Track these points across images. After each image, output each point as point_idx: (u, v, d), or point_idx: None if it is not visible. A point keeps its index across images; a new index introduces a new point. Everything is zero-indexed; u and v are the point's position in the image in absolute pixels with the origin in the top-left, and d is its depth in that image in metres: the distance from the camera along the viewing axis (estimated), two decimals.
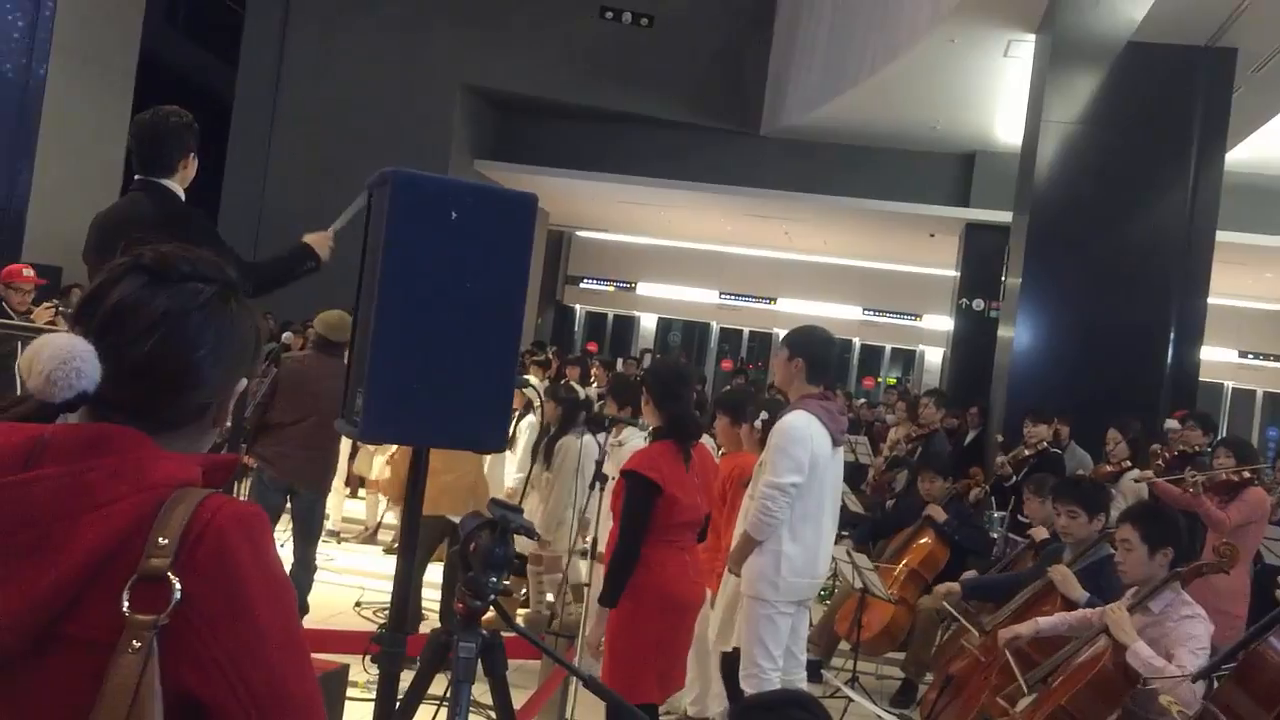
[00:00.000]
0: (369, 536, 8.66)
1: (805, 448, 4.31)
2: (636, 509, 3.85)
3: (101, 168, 14.83)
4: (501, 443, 2.55)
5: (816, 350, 4.51)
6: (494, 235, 2.51)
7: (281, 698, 1.18)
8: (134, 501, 1.17)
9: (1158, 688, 3.52)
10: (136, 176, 3.67)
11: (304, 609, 5.83)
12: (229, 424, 3.56)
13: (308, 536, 5.97)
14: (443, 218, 2.44)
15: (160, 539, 1.15)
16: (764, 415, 4.81)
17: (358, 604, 6.73)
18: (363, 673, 4.46)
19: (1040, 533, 5.76)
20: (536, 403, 6.70)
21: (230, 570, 1.17)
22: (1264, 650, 3.22)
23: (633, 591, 3.84)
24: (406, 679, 2.27)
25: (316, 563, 5.97)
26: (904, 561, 6.52)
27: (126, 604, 1.13)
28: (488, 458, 6.79)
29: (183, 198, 3.66)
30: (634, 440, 5.39)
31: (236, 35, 17.65)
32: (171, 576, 1.13)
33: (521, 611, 6.40)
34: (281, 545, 6.54)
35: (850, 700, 5.49)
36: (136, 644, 1.12)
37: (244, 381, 1.34)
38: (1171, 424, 7.84)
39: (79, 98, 14.41)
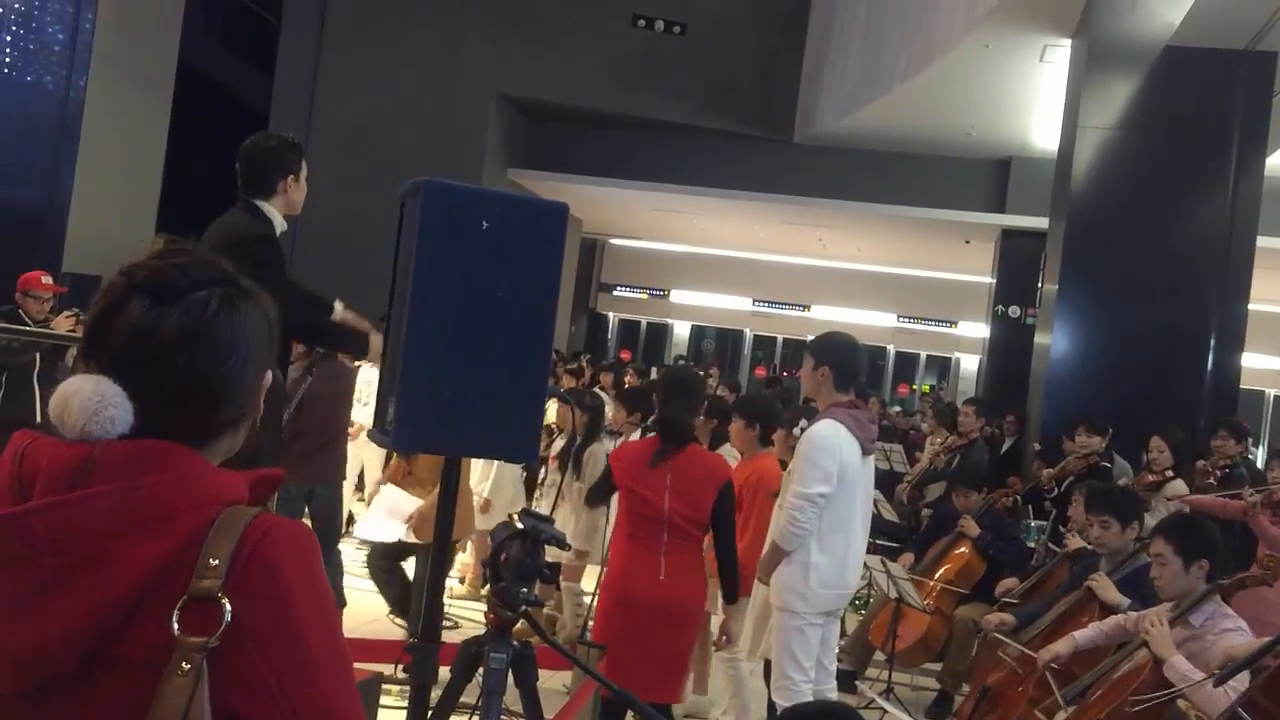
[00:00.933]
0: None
1: (833, 457, 4.27)
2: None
3: (141, 178, 15.02)
4: (532, 453, 2.54)
5: (842, 357, 4.47)
6: (525, 244, 2.51)
7: (325, 715, 1.18)
8: (186, 521, 1.16)
9: (1185, 696, 3.46)
10: (239, 197, 3.77)
11: (341, 604, 5.93)
12: (268, 441, 3.62)
13: (330, 537, 6.06)
14: (474, 227, 2.45)
15: (211, 560, 1.15)
16: (803, 423, 4.78)
17: (391, 612, 6.74)
18: (394, 681, 4.47)
19: (1074, 541, 5.69)
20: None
21: (280, 592, 1.17)
22: None
23: (604, 580, 4.24)
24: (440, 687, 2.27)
25: (347, 566, 6.05)
26: (940, 572, 6.46)
27: (177, 625, 1.12)
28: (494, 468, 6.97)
29: (278, 220, 3.76)
30: None
31: (273, 46, 17.83)
32: (222, 598, 1.13)
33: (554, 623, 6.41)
34: None
35: (885, 711, 5.44)
36: (186, 665, 1.11)
37: (269, 375, 1.33)
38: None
39: (118, 108, 14.59)
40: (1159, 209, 9.62)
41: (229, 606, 1.13)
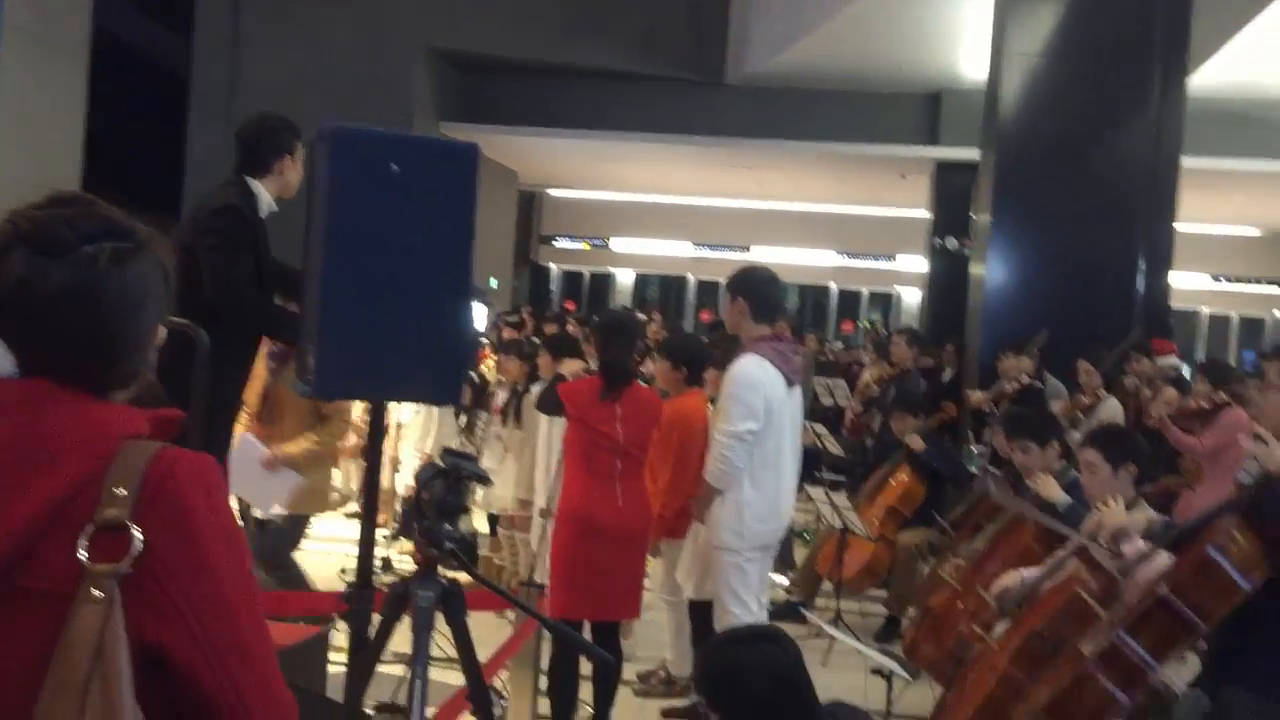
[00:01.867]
0: (341, 503, 8.63)
1: (758, 392, 4.28)
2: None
3: (60, 148, 14.65)
4: (455, 395, 2.54)
5: (759, 289, 4.46)
6: (438, 187, 2.50)
7: (241, 646, 1.19)
8: (85, 453, 1.16)
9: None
10: (234, 171, 3.82)
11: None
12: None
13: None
14: (383, 171, 2.43)
15: (116, 489, 1.14)
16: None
17: (343, 571, 6.74)
18: (343, 636, 4.47)
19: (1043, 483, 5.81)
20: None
21: (188, 520, 1.17)
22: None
23: (560, 515, 4.29)
24: None
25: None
26: (882, 499, 6.56)
27: (85, 554, 1.12)
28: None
29: (265, 198, 3.78)
30: None
31: (191, 7, 17.38)
32: (131, 525, 1.13)
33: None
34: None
35: (834, 639, 5.54)
36: (98, 594, 1.11)
37: (163, 331, 1.31)
38: (1165, 361, 7.84)
39: (32, 79, 14.20)
40: (1086, 134, 9.72)
41: (138, 533, 1.12)
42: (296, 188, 3.84)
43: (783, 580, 7.04)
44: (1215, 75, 12.67)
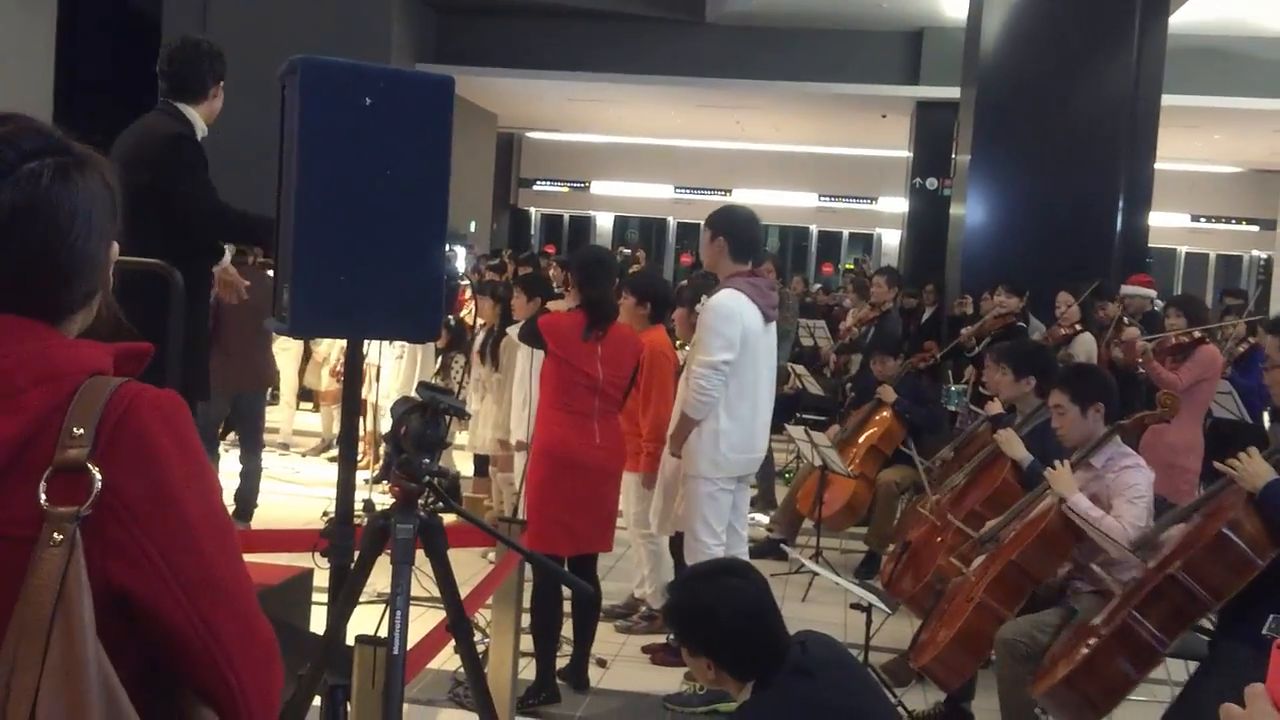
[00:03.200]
0: (323, 448, 8.67)
1: (735, 325, 4.32)
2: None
3: (30, 91, 14.40)
4: (434, 332, 2.53)
5: (739, 227, 4.49)
6: (412, 120, 2.47)
7: (212, 584, 1.16)
8: (44, 391, 1.13)
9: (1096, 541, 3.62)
10: (161, 99, 3.73)
11: (247, 515, 6.18)
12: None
13: (254, 440, 6.36)
14: (357, 104, 2.39)
15: (75, 429, 1.11)
16: (704, 299, 4.81)
17: (325, 514, 6.75)
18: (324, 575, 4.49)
19: (994, 406, 5.84)
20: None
21: (151, 458, 1.14)
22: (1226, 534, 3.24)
23: (536, 451, 4.24)
24: None
25: (275, 473, 6.09)
26: (862, 437, 6.60)
27: (44, 496, 1.09)
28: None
29: (200, 123, 3.74)
30: None
31: None
32: (91, 466, 1.10)
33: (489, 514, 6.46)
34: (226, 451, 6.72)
35: (815, 575, 5.60)
36: (58, 536, 1.08)
37: (115, 246, 1.27)
38: (1129, 290, 7.89)
39: (1, 24, 13.93)
40: (1067, 73, 9.68)
41: (98, 475, 1.10)
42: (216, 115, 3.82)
43: (763, 519, 7.11)
44: (1195, 12, 12.60)
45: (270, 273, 6.74)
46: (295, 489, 7.61)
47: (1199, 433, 6.00)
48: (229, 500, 5.83)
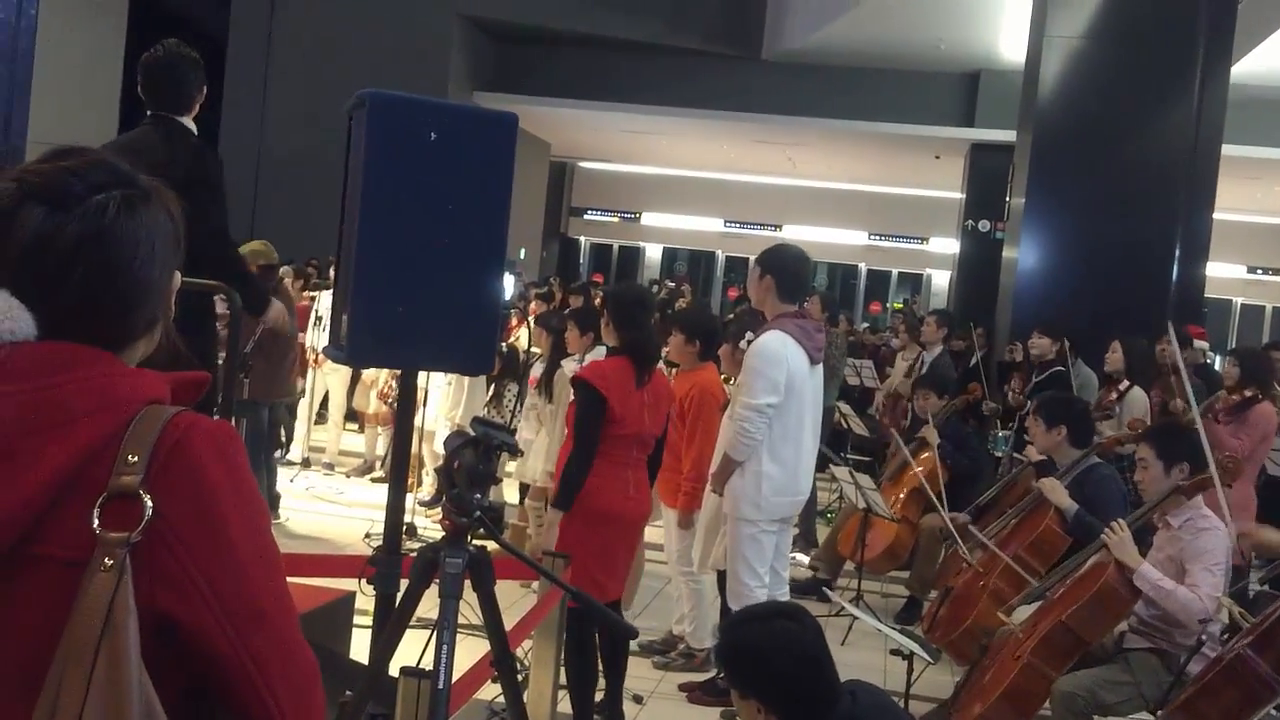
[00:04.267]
0: (365, 469, 8.74)
1: (780, 368, 4.29)
2: (586, 416, 4.00)
3: (97, 107, 14.74)
4: (488, 365, 2.55)
5: (788, 267, 4.45)
6: (475, 156, 2.50)
7: (257, 614, 1.18)
8: (102, 418, 1.15)
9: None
10: (150, 112, 3.59)
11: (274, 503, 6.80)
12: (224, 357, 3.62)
13: (273, 443, 7.27)
14: (422, 139, 2.43)
15: (130, 456, 1.14)
16: (749, 335, 4.78)
17: (367, 536, 6.80)
18: (370, 600, 4.51)
19: (1033, 453, 5.79)
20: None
21: (202, 487, 1.16)
22: None
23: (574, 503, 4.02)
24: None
25: (317, 494, 6.32)
26: (905, 480, 6.54)
27: (97, 522, 1.12)
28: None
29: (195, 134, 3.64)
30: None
31: None
32: (143, 494, 1.12)
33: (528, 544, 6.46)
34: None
35: (855, 618, 5.55)
36: (109, 561, 1.10)
37: (178, 277, 1.30)
38: (1200, 344, 7.78)
39: (72, 36, 14.27)
40: (1125, 119, 9.61)
41: (149, 502, 1.12)
42: None
43: (803, 558, 7.06)
44: (1259, 62, 12.47)
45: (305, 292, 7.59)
46: (338, 509, 7.67)
47: (1252, 491, 5.89)
48: None
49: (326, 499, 7.89)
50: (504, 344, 7.44)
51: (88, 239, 1.19)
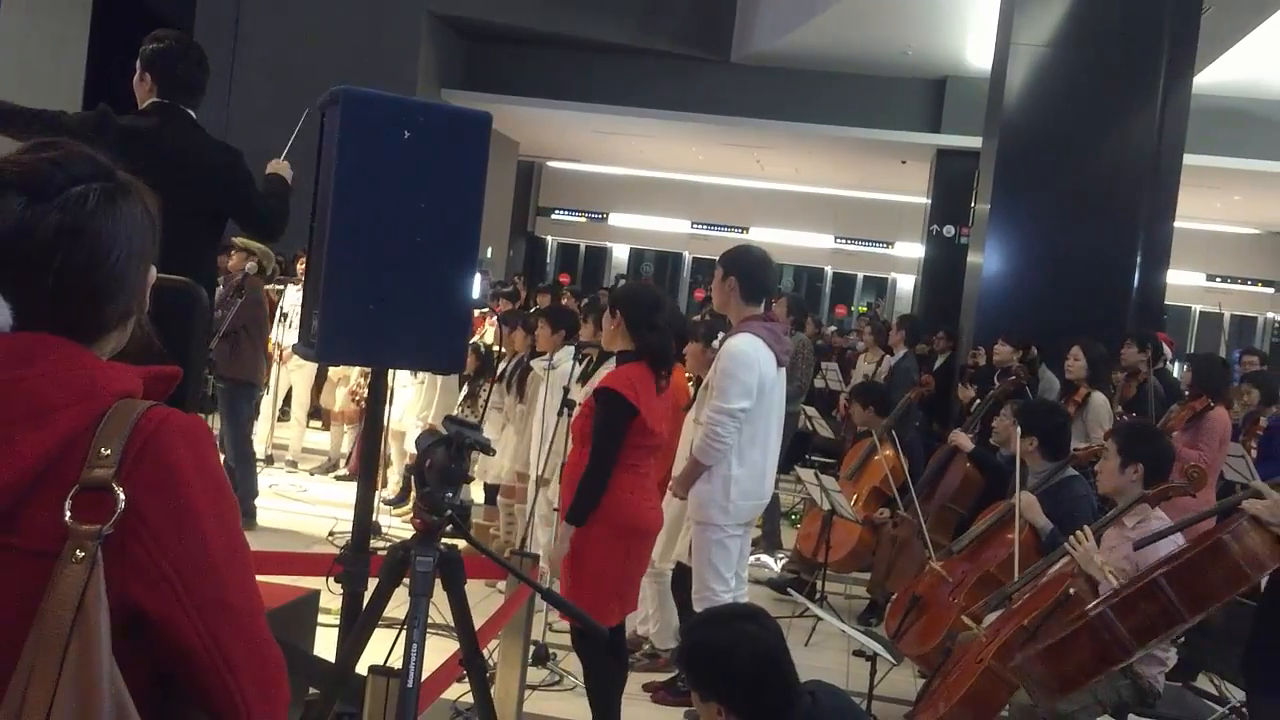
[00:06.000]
0: (330, 467, 8.69)
1: (754, 372, 4.26)
2: (612, 428, 3.79)
3: (60, 97, 14.54)
4: (459, 363, 2.55)
5: (751, 269, 4.40)
6: (448, 154, 2.50)
7: (225, 606, 1.19)
8: (74, 411, 1.15)
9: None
10: (165, 101, 3.62)
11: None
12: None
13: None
14: (395, 137, 2.43)
15: (103, 449, 1.14)
16: (721, 335, 4.78)
17: (331, 534, 6.76)
18: (334, 599, 4.48)
19: (960, 438, 5.99)
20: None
21: (174, 481, 1.17)
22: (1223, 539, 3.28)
23: (595, 514, 3.79)
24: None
25: (283, 492, 6.24)
26: (865, 479, 6.56)
27: (69, 514, 1.12)
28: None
29: None
30: (565, 364, 5.48)
31: None
32: (116, 486, 1.13)
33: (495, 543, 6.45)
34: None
35: (819, 619, 5.58)
36: (80, 554, 1.11)
37: (154, 271, 1.30)
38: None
39: (35, 32, 14.11)
40: (1089, 127, 9.71)
41: (122, 495, 1.13)
42: None
43: (769, 560, 7.08)
44: (1219, 73, 12.65)
45: (266, 287, 7.71)
46: (302, 507, 7.63)
47: (1212, 497, 5.95)
48: None
49: (290, 496, 7.84)
50: (481, 344, 7.42)
51: (66, 230, 1.20)
